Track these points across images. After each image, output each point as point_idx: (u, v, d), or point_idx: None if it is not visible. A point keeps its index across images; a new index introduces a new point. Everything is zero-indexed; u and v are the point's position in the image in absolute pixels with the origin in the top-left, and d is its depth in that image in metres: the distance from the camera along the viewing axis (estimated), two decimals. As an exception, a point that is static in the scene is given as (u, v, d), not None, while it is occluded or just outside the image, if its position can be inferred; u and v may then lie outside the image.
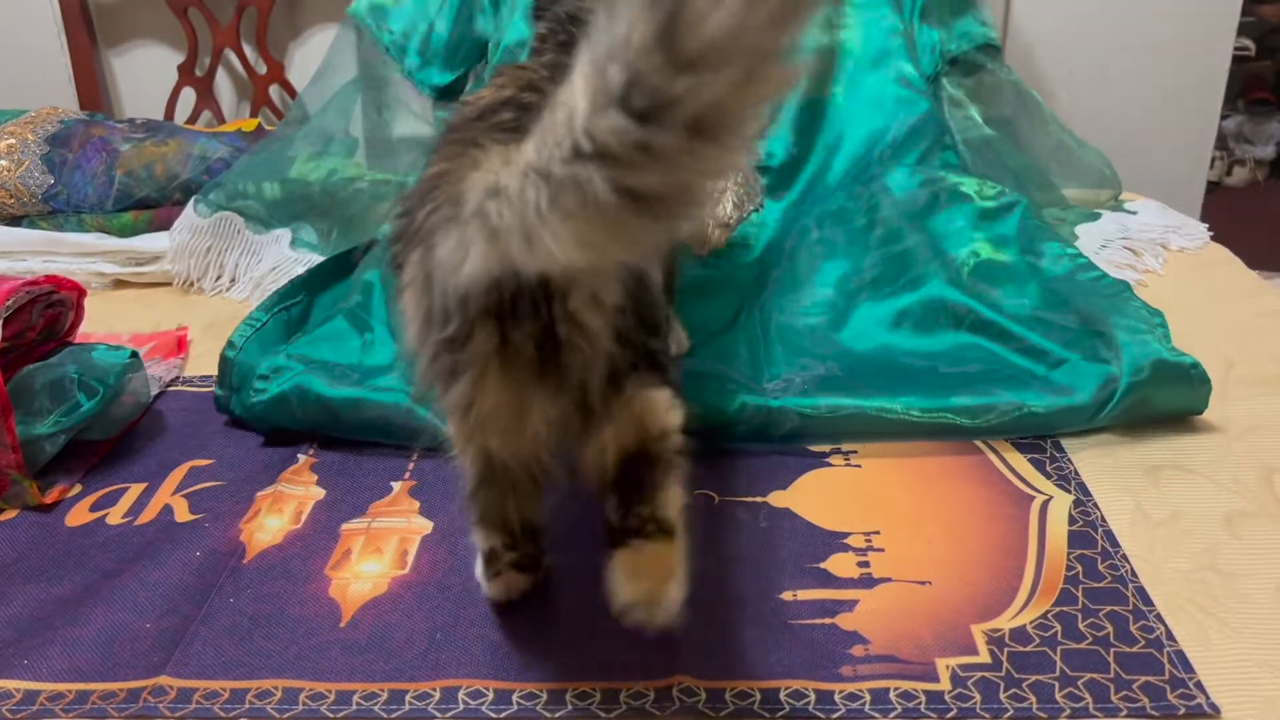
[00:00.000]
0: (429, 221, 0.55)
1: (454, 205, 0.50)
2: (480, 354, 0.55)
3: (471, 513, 0.66)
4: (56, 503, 0.83)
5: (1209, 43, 1.87)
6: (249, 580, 0.73)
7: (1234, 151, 2.93)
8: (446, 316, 0.54)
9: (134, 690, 0.64)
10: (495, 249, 0.47)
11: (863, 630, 0.66)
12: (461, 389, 0.56)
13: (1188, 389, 0.85)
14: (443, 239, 0.51)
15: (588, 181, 0.42)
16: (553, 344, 0.55)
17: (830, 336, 0.95)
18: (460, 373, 0.56)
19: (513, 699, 0.62)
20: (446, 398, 0.58)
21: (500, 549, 0.67)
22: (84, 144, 1.37)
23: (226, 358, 0.91)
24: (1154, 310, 0.94)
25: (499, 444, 0.59)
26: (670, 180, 0.42)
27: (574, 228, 0.44)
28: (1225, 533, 0.75)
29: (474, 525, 0.66)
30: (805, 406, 0.85)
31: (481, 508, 0.65)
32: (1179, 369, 0.84)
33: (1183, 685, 0.61)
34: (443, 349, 0.56)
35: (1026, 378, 0.87)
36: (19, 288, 0.88)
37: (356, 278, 1.03)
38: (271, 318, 0.95)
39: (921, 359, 0.92)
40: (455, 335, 0.54)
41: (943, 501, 0.79)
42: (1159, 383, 0.84)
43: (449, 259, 0.50)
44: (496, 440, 0.59)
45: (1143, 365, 0.84)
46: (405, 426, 0.86)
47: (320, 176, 1.28)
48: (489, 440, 0.59)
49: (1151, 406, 0.85)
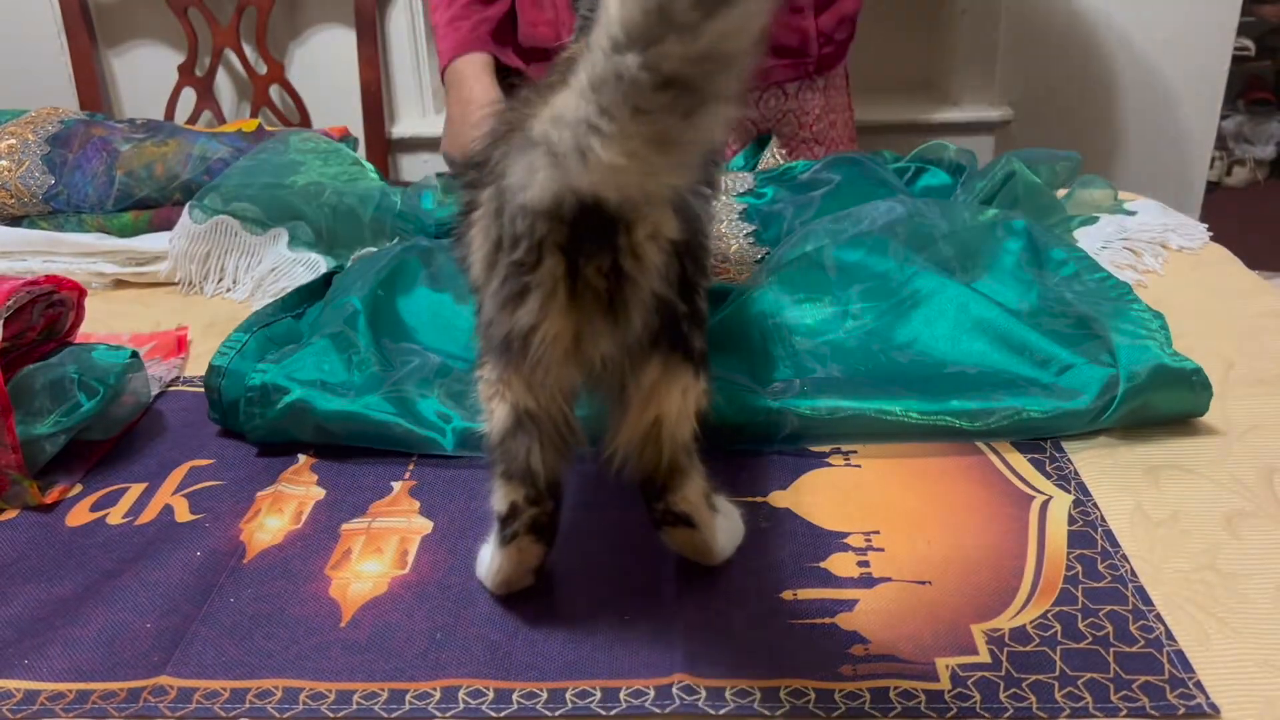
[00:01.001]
0: (502, 162, 0.58)
1: (524, 137, 0.54)
2: (551, 276, 0.57)
3: (496, 464, 0.66)
4: (57, 503, 0.83)
5: (1209, 43, 1.87)
6: (249, 580, 0.73)
7: (1234, 151, 2.94)
8: (515, 240, 0.57)
9: (134, 690, 0.64)
10: (558, 172, 0.51)
11: (863, 630, 0.67)
12: (529, 310, 0.58)
13: (1189, 394, 0.85)
14: (512, 167, 0.55)
15: (625, 71, 0.46)
16: (618, 277, 0.58)
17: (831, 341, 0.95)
18: (528, 294, 0.58)
19: (513, 698, 0.62)
20: (512, 321, 0.59)
21: (521, 504, 0.66)
22: (84, 144, 1.37)
23: (211, 385, 0.90)
24: (1156, 314, 0.93)
25: (553, 378, 0.61)
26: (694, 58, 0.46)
27: (618, 130, 0.48)
28: (1225, 533, 0.75)
29: (496, 480, 0.66)
30: (805, 408, 0.85)
31: (508, 458, 0.65)
32: (1180, 374, 0.84)
33: (1182, 685, 0.61)
34: (513, 272, 0.58)
35: (1028, 384, 0.87)
36: (19, 288, 0.88)
37: (335, 299, 1.02)
38: (252, 337, 0.94)
39: (926, 366, 0.91)
40: (524, 259, 0.57)
41: (943, 501, 0.79)
42: (1159, 388, 0.84)
43: (517, 182, 0.54)
44: (553, 375, 0.61)
45: (1142, 370, 0.83)
46: (406, 439, 0.86)
47: (303, 181, 1.28)
48: (546, 375, 0.61)
49: (1151, 411, 0.85)
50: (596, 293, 0.58)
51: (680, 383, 0.65)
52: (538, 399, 0.63)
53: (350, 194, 1.26)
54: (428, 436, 0.86)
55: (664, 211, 0.58)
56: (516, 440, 0.64)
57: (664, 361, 0.64)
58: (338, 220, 1.24)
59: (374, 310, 0.98)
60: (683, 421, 0.66)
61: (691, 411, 0.66)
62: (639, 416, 0.65)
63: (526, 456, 0.64)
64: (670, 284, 0.61)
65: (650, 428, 0.65)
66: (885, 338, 0.95)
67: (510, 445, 0.65)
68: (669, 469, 0.67)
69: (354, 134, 1.59)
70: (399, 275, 1.05)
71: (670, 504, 0.68)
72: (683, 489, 0.68)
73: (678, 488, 0.68)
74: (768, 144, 1.41)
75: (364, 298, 0.99)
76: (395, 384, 0.89)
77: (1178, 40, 1.88)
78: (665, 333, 0.63)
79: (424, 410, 0.87)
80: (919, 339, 0.94)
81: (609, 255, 0.57)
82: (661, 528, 0.70)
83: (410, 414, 0.86)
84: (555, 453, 0.65)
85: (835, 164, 1.27)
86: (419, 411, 0.87)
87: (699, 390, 0.66)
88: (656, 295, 0.60)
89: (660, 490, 0.68)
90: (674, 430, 0.66)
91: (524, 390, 0.63)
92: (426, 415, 0.87)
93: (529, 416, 0.63)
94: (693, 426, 0.67)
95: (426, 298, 1.03)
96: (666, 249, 0.59)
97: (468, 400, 0.85)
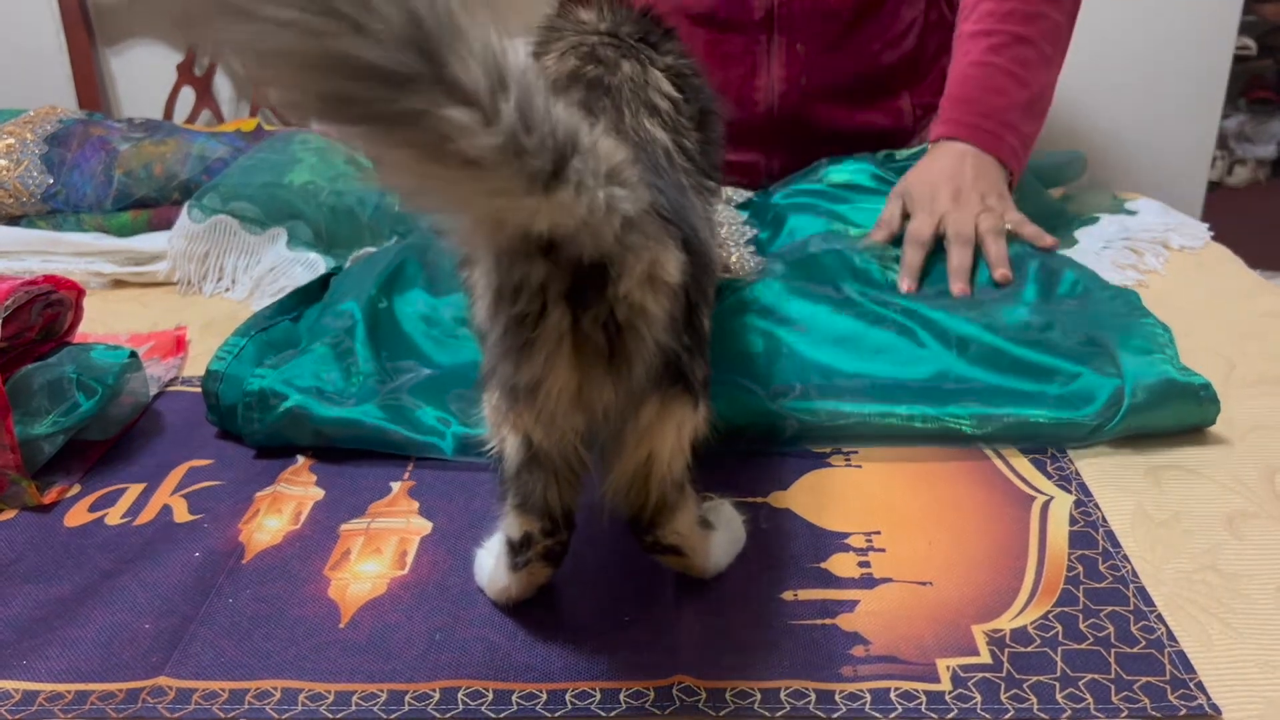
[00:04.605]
0: None
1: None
2: (556, 331, 0.55)
3: (510, 497, 0.64)
4: (55, 503, 0.83)
5: (1209, 42, 1.87)
6: (248, 580, 0.73)
7: (1235, 151, 2.94)
8: (517, 290, 0.54)
9: (133, 691, 0.64)
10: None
11: (863, 630, 0.66)
12: (533, 365, 0.56)
13: (1196, 408, 0.84)
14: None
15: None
16: (618, 330, 0.55)
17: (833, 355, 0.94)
18: (533, 349, 0.55)
19: (512, 699, 0.62)
20: (517, 375, 0.57)
21: (537, 535, 0.65)
22: (83, 144, 1.37)
23: (209, 389, 0.89)
24: (1165, 327, 0.92)
25: (560, 424, 0.59)
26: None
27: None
28: (1227, 533, 0.74)
29: (509, 511, 0.65)
30: (807, 411, 0.85)
31: (523, 492, 0.63)
32: (1188, 389, 0.83)
33: (1184, 686, 0.61)
34: (515, 325, 0.55)
35: (1034, 394, 0.86)
36: (17, 287, 0.88)
37: (333, 302, 1.01)
38: (249, 341, 0.94)
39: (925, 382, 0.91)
40: (527, 309, 0.54)
41: (944, 502, 0.79)
42: (1166, 402, 0.83)
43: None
44: (559, 421, 0.59)
45: (1149, 384, 0.83)
46: (405, 444, 0.86)
47: (301, 181, 1.28)
48: (552, 421, 0.59)
49: (1157, 424, 0.84)
50: (597, 346, 0.56)
51: (676, 418, 0.62)
52: (548, 435, 0.60)
53: (349, 194, 1.26)
54: (427, 441, 0.85)
55: (663, 249, 0.55)
56: (532, 475, 0.63)
57: (661, 398, 0.61)
58: (336, 220, 1.24)
59: (373, 320, 0.98)
60: (676, 458, 0.63)
61: (686, 445, 0.63)
62: (630, 457, 0.62)
63: (543, 492, 0.63)
64: (677, 330, 0.59)
65: (640, 467, 0.62)
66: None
67: (526, 480, 0.63)
68: (657, 507, 0.65)
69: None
70: (397, 279, 1.05)
71: (659, 538, 0.66)
72: (672, 522, 0.66)
73: (666, 522, 0.66)
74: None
75: (363, 306, 0.98)
76: (392, 392, 0.88)
77: (1178, 40, 1.87)
78: (665, 371, 0.60)
79: (422, 417, 0.87)
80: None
81: (605, 306, 0.54)
82: (650, 554, 0.68)
83: (408, 421, 0.86)
84: (570, 488, 0.63)
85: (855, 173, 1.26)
86: (417, 418, 0.87)
87: (697, 420, 0.64)
88: (660, 345, 0.57)
89: (649, 526, 0.66)
90: (665, 469, 0.63)
91: (534, 424, 0.60)
92: (425, 421, 0.86)
93: (540, 452, 0.61)
94: (686, 459, 0.64)
95: (424, 303, 1.03)
96: (668, 294, 0.56)
97: (474, 412, 0.84)
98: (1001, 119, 1.11)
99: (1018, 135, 1.12)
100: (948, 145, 1.11)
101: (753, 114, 1.26)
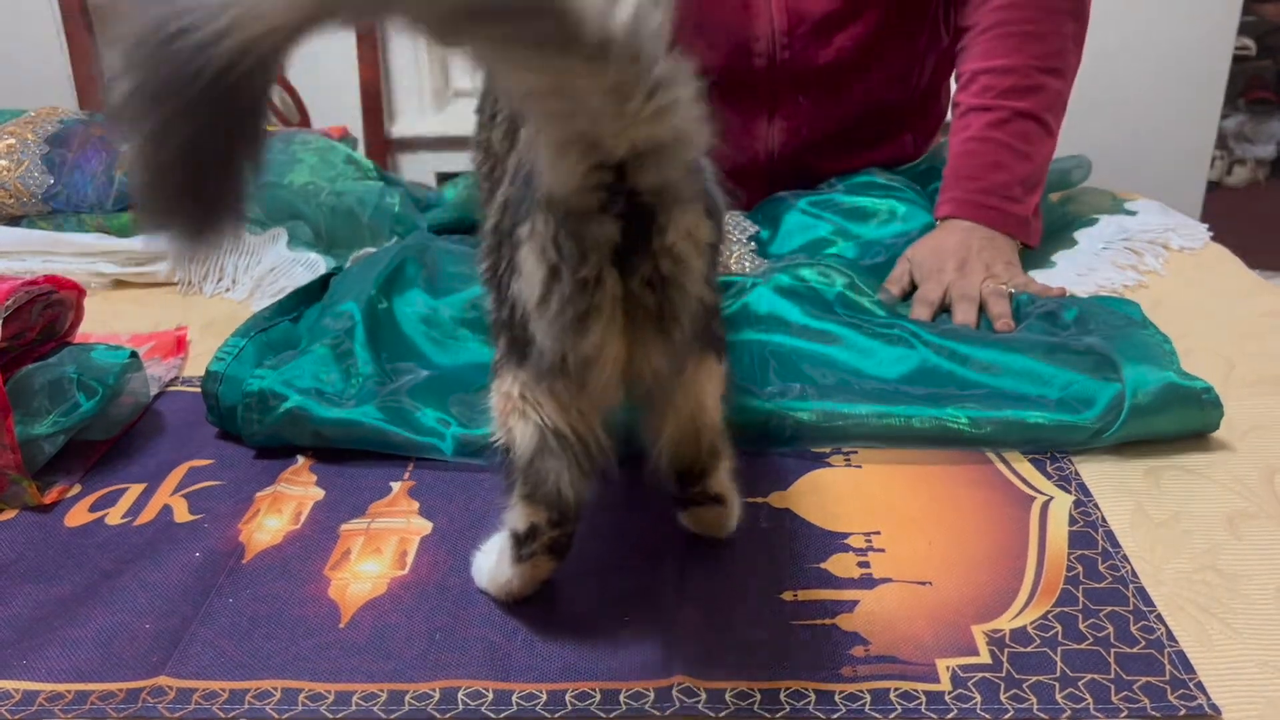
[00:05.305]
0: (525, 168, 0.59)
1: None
2: (611, 297, 0.57)
3: (518, 487, 0.64)
4: (56, 503, 0.83)
5: (1209, 42, 1.87)
6: (248, 580, 0.73)
7: (1234, 151, 2.94)
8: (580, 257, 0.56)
9: (133, 690, 0.64)
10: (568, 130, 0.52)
11: (863, 631, 0.66)
12: (593, 336, 0.57)
13: (1198, 412, 0.84)
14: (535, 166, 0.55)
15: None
16: (664, 287, 0.58)
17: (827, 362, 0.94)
18: (591, 319, 0.57)
19: (512, 699, 0.62)
20: (577, 349, 0.58)
21: (544, 526, 0.65)
22: (84, 144, 1.37)
23: (208, 390, 0.89)
24: (1164, 336, 0.92)
25: (604, 399, 0.61)
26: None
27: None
28: (1227, 533, 0.75)
29: (517, 502, 0.65)
30: (803, 411, 0.85)
31: (535, 481, 0.63)
32: (1190, 394, 0.83)
33: (1184, 686, 0.61)
34: (578, 292, 0.56)
35: (1034, 398, 0.86)
36: (18, 287, 0.88)
37: (333, 303, 1.01)
38: (249, 342, 0.94)
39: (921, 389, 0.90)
40: (589, 275, 0.56)
41: (943, 502, 0.79)
42: (1168, 407, 0.83)
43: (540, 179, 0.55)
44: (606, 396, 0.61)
45: (1150, 389, 0.82)
46: (405, 445, 0.86)
47: (301, 181, 1.28)
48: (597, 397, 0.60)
49: (1160, 429, 0.84)
50: (647, 309, 0.58)
51: (711, 371, 0.67)
52: (570, 420, 0.61)
53: (349, 194, 1.26)
54: (427, 442, 0.85)
55: (695, 212, 0.58)
56: (546, 463, 0.62)
57: (698, 355, 0.66)
58: (336, 220, 1.24)
59: (372, 321, 0.98)
60: (717, 407, 0.68)
61: (719, 395, 0.68)
62: (683, 411, 0.66)
63: (557, 481, 0.63)
64: (710, 284, 0.62)
65: (690, 421, 0.67)
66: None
67: (539, 468, 0.63)
68: (708, 454, 0.69)
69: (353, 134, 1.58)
70: (397, 280, 1.05)
71: (707, 487, 0.71)
72: (718, 471, 0.71)
73: (714, 471, 0.70)
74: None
75: (363, 307, 0.98)
76: (392, 393, 0.88)
77: (1178, 40, 1.87)
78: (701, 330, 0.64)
79: (422, 419, 0.87)
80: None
81: (651, 263, 0.57)
82: (688, 508, 0.73)
83: (408, 422, 0.86)
84: (585, 476, 0.63)
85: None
86: (417, 420, 0.86)
87: (721, 373, 0.68)
88: (700, 300, 0.60)
89: (699, 476, 0.70)
90: (712, 417, 0.68)
91: (555, 410, 0.61)
92: (425, 423, 0.86)
93: (558, 438, 0.62)
94: (721, 409, 0.69)
95: (424, 304, 1.03)
96: (704, 251, 0.59)
97: (479, 409, 0.84)
98: (1004, 194, 1.10)
99: (1023, 206, 1.11)
100: (954, 223, 1.11)
101: (752, 160, 1.23)
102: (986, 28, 1.13)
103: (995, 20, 1.12)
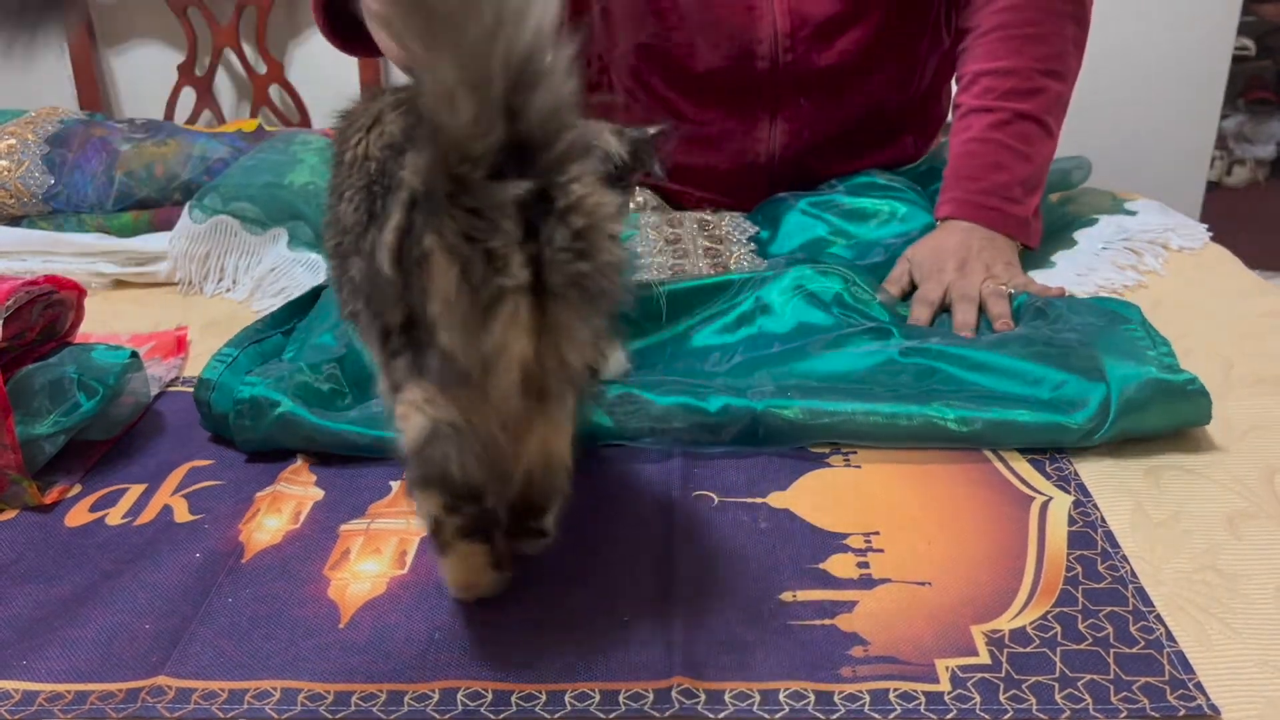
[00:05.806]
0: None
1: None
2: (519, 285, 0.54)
3: (410, 474, 0.63)
4: (56, 503, 0.83)
5: (1209, 43, 1.87)
6: (248, 580, 0.73)
7: (1234, 151, 2.93)
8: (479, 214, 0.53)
9: (132, 690, 0.64)
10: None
11: (862, 631, 0.66)
12: (498, 329, 0.55)
13: (1186, 405, 0.84)
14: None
15: None
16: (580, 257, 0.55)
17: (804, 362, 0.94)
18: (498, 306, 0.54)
19: (511, 700, 0.62)
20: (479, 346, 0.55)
21: (440, 512, 0.63)
22: (84, 144, 1.37)
23: (201, 398, 0.89)
24: (1160, 339, 0.92)
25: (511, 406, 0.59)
26: None
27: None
28: (1226, 533, 0.75)
29: (414, 493, 0.64)
30: (786, 408, 0.85)
31: (424, 465, 0.61)
32: (1173, 386, 0.83)
33: (1183, 686, 0.61)
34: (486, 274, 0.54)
35: (1023, 397, 0.86)
36: (18, 288, 0.88)
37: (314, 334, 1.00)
38: (242, 352, 0.94)
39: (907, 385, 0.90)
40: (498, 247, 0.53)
41: (942, 502, 0.79)
42: (1153, 402, 0.82)
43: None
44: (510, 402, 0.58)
45: (1134, 386, 0.82)
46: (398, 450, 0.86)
47: (301, 181, 1.27)
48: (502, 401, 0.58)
49: (1151, 425, 0.84)
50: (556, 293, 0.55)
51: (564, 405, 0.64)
52: (469, 419, 0.60)
53: None
54: None
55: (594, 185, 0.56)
56: (435, 448, 0.61)
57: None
58: None
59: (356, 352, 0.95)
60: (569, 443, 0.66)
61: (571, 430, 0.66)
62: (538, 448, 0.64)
63: (443, 462, 0.61)
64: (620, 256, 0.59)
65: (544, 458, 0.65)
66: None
67: (428, 453, 0.61)
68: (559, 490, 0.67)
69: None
70: None
71: (543, 523, 0.69)
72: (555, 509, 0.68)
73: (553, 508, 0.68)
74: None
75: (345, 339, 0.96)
76: None
77: (1177, 40, 1.87)
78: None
79: None
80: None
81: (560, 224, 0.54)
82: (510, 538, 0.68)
83: None
84: (478, 464, 0.61)
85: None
86: None
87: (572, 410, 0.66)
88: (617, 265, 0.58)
89: (539, 512, 0.68)
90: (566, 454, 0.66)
91: (453, 410, 0.60)
92: None
93: (451, 427, 0.60)
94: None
95: None
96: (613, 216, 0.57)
97: None
98: (1005, 195, 1.10)
99: (1024, 207, 1.11)
100: (954, 224, 1.11)
101: (753, 162, 1.23)
102: (988, 30, 1.13)
103: (997, 23, 1.12)
